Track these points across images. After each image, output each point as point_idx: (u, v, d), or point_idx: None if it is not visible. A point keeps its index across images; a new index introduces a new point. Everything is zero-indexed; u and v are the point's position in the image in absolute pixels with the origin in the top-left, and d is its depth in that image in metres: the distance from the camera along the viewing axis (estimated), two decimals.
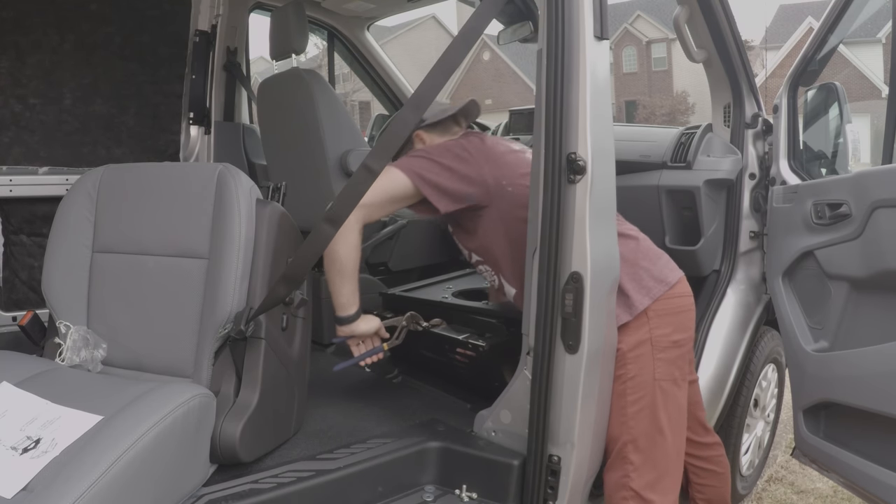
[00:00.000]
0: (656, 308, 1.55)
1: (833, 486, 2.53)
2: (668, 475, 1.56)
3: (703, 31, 2.17)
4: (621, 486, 1.52)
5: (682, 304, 1.61)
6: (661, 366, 1.54)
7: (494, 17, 1.77)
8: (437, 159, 1.61)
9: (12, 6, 1.93)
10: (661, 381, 1.54)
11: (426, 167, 1.60)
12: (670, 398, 1.56)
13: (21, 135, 2.01)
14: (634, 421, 1.52)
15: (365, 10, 3.17)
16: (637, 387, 1.53)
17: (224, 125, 2.74)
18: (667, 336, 1.55)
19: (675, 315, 1.58)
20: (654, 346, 1.54)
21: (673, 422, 1.56)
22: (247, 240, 1.50)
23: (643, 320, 1.54)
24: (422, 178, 1.58)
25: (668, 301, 1.57)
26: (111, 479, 1.09)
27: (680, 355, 1.59)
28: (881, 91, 16.97)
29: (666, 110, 26.31)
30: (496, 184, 1.61)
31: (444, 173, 1.60)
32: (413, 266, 2.87)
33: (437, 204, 1.59)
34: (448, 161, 1.61)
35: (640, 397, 1.53)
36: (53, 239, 1.65)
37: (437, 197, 1.59)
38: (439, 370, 2.05)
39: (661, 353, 1.54)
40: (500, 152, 1.66)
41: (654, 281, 1.57)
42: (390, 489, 1.50)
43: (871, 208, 1.60)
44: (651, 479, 1.52)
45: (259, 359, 1.47)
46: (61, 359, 1.53)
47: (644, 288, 1.56)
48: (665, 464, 1.55)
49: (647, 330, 1.54)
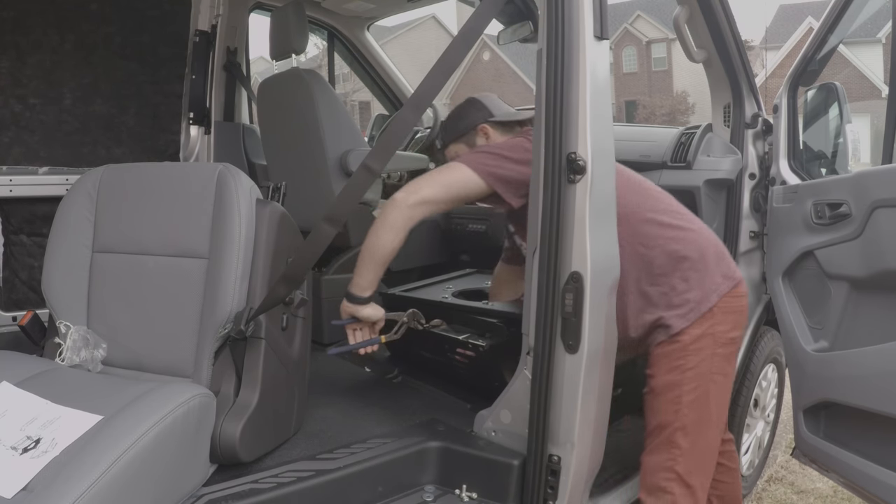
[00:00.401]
0: (721, 305, 1.58)
1: (833, 486, 2.53)
2: (707, 465, 1.63)
3: (703, 31, 2.17)
4: (666, 469, 1.56)
5: (742, 304, 1.65)
6: (718, 360, 1.58)
7: (494, 17, 1.78)
8: (507, 154, 1.61)
9: (12, 6, 1.93)
10: (715, 375, 1.57)
11: (496, 163, 1.60)
12: (722, 391, 1.61)
13: (21, 135, 2.01)
14: (689, 409, 1.56)
15: (365, 10, 3.17)
16: (695, 377, 1.56)
17: (224, 125, 2.74)
18: (726, 332, 1.59)
19: (736, 314, 1.62)
20: (714, 340, 1.57)
21: (720, 415, 1.63)
22: (247, 240, 1.50)
23: (708, 315, 1.57)
24: (492, 175, 1.58)
25: (731, 299, 1.60)
26: (111, 479, 1.09)
27: (733, 352, 1.64)
28: (881, 91, 16.97)
29: (666, 110, 26.31)
30: None
31: (514, 168, 1.59)
32: (413, 266, 2.87)
33: (509, 199, 1.60)
34: (518, 155, 1.61)
35: (695, 387, 1.56)
36: (53, 239, 1.64)
37: (510, 193, 1.60)
38: (439, 370, 2.05)
39: (719, 347, 1.58)
40: None
41: (722, 277, 1.60)
42: (390, 489, 1.50)
43: (871, 208, 1.60)
44: (694, 466, 1.57)
45: (259, 359, 1.47)
46: (61, 359, 1.53)
47: (713, 284, 1.59)
48: (708, 454, 1.61)
49: (711, 325, 1.57)
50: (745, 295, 1.67)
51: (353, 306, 1.67)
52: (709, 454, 1.62)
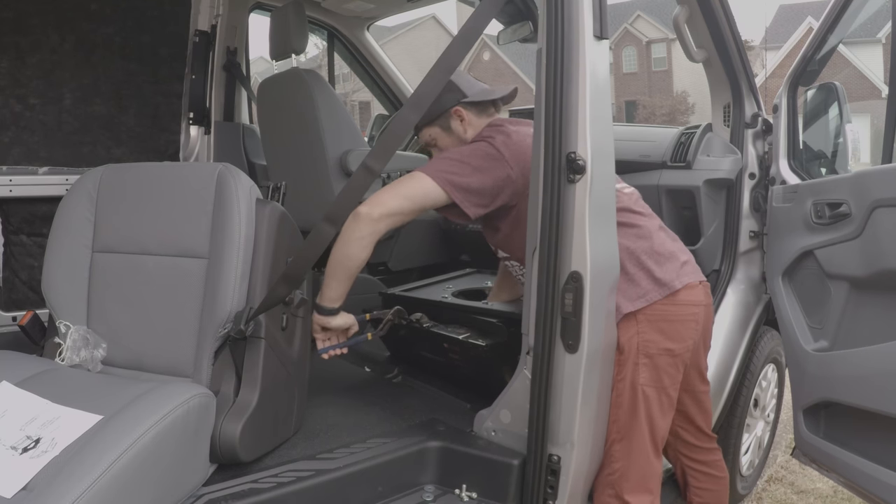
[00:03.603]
0: (648, 312, 1.52)
1: (833, 486, 2.53)
2: (649, 482, 1.56)
3: (703, 31, 2.17)
4: (608, 485, 1.55)
5: (683, 313, 1.55)
6: (645, 371, 1.52)
7: (494, 17, 1.77)
8: (467, 160, 1.59)
9: (12, 6, 1.93)
10: (644, 387, 1.52)
11: (454, 169, 1.57)
12: (655, 406, 1.54)
13: (21, 135, 2.01)
14: (621, 421, 1.53)
15: (365, 10, 3.17)
16: (624, 388, 1.52)
17: (224, 125, 2.74)
18: (656, 343, 1.52)
19: (670, 322, 1.54)
20: (639, 350, 1.52)
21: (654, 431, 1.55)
22: (247, 240, 1.50)
23: (629, 321, 1.52)
24: (450, 182, 1.55)
25: (664, 307, 1.53)
26: (111, 479, 1.09)
27: (670, 363, 1.54)
28: (881, 91, 16.98)
29: (666, 110, 26.31)
30: (525, 182, 1.59)
31: (475, 176, 1.57)
32: (413, 266, 2.87)
33: (467, 210, 1.57)
34: (477, 161, 1.58)
35: (627, 398, 1.52)
36: (53, 239, 1.65)
37: (468, 203, 1.57)
38: (439, 370, 2.05)
39: (645, 358, 1.52)
40: (526, 146, 1.61)
41: (653, 283, 1.54)
42: (390, 489, 1.50)
43: (870, 208, 1.60)
44: (633, 484, 1.53)
45: (259, 359, 1.47)
46: (61, 359, 1.53)
47: (639, 290, 1.53)
48: (648, 470, 1.55)
49: (635, 332, 1.52)
50: (691, 303, 1.56)
51: (324, 318, 1.67)
52: (648, 470, 1.55)
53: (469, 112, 1.76)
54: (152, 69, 2.25)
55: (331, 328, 1.70)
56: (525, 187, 1.58)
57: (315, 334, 1.72)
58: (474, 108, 1.76)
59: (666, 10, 25.31)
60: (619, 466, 1.54)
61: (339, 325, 1.70)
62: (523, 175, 1.59)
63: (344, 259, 1.57)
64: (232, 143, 2.80)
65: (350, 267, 1.58)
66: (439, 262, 2.93)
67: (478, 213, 1.59)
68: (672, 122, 23.41)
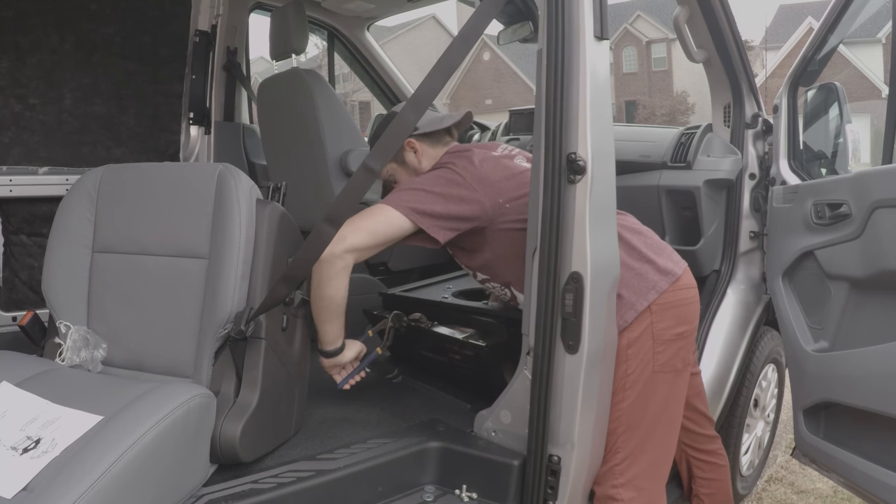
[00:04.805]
0: (660, 302, 1.55)
1: (833, 486, 2.53)
2: (661, 466, 1.60)
3: (703, 31, 2.17)
4: (614, 475, 1.55)
5: (686, 297, 1.60)
6: (662, 357, 1.55)
7: (494, 17, 1.77)
8: (430, 188, 1.56)
9: (12, 6, 1.93)
10: (661, 374, 1.55)
11: (419, 199, 1.54)
12: (674, 388, 1.58)
13: (21, 135, 2.01)
14: (629, 413, 1.54)
15: (365, 10, 3.17)
16: (636, 380, 1.53)
17: (224, 125, 2.74)
18: (669, 329, 1.55)
19: (679, 308, 1.58)
20: (655, 339, 1.54)
21: (673, 413, 1.60)
22: (247, 240, 1.50)
23: (645, 314, 1.54)
24: (414, 210, 1.52)
25: (672, 294, 1.56)
26: (111, 480, 1.09)
27: (683, 346, 1.59)
28: (881, 91, 16.98)
29: (666, 110, 26.30)
30: (493, 204, 1.57)
31: (438, 202, 1.54)
32: (413, 266, 2.87)
33: (435, 235, 1.54)
34: (441, 188, 1.56)
35: (639, 390, 1.54)
36: (53, 239, 1.65)
37: (435, 228, 1.54)
38: (439, 370, 2.05)
39: (661, 345, 1.55)
40: (494, 179, 1.60)
41: (659, 274, 1.57)
42: (390, 489, 1.50)
43: (871, 208, 1.60)
44: (643, 469, 1.55)
45: (259, 359, 1.47)
46: (61, 359, 1.53)
47: (649, 282, 1.55)
48: (661, 454, 1.59)
49: (649, 324, 1.54)
50: (690, 287, 1.62)
51: (333, 360, 1.67)
52: (662, 454, 1.60)
53: (422, 143, 1.74)
54: (152, 69, 2.25)
55: (343, 364, 1.70)
56: (495, 209, 1.57)
57: (331, 374, 1.71)
58: (427, 138, 1.74)
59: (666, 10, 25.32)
60: (626, 456, 1.54)
61: (350, 358, 1.71)
62: (489, 197, 1.57)
63: (325, 302, 1.55)
64: (232, 144, 2.80)
65: (333, 307, 1.56)
66: (439, 263, 2.92)
67: (447, 237, 1.57)
68: (672, 123, 23.41)
